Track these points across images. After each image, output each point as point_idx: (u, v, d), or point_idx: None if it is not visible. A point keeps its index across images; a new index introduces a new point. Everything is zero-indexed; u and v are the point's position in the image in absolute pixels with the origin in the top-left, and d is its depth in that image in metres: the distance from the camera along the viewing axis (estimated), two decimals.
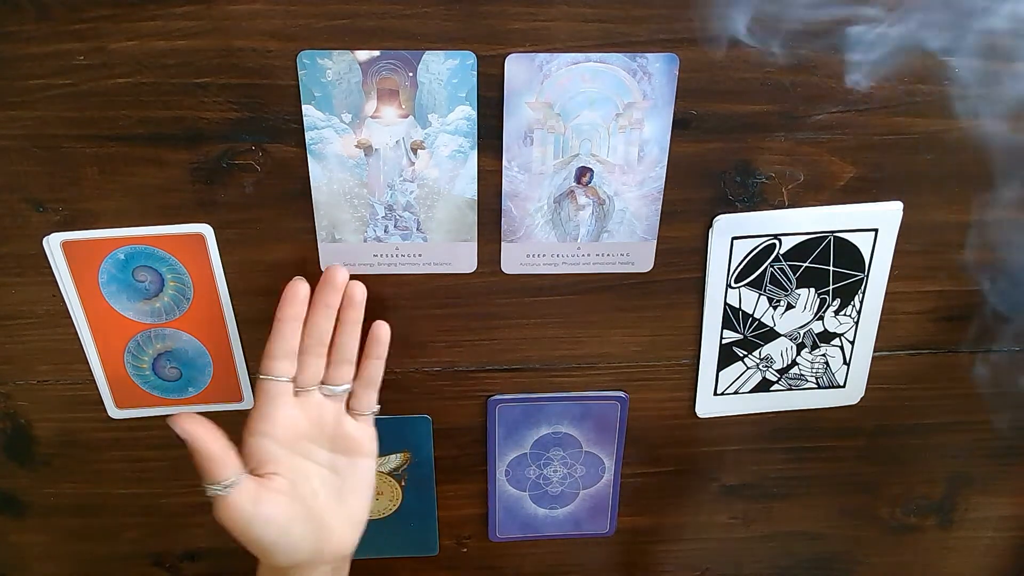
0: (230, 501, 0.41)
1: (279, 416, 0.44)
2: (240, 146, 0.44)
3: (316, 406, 0.46)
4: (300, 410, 0.45)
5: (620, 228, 0.48)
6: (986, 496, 0.62)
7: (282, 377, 0.44)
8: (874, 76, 0.44)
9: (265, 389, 0.44)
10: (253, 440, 0.44)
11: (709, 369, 0.54)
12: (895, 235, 0.50)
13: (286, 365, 0.45)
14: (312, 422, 0.46)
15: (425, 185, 0.46)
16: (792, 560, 0.64)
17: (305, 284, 0.45)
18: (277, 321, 0.44)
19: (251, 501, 0.42)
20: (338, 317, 0.46)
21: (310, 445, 0.46)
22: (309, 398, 0.46)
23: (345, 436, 0.47)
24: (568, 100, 0.44)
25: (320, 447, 0.46)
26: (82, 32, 0.40)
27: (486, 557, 0.61)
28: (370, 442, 0.48)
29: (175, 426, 0.41)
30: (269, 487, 0.43)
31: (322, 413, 0.46)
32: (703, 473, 0.59)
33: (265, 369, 0.44)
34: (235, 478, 0.42)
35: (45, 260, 0.47)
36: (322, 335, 0.45)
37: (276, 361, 0.44)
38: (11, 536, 0.57)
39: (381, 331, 0.47)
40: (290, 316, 0.44)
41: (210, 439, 0.42)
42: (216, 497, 0.42)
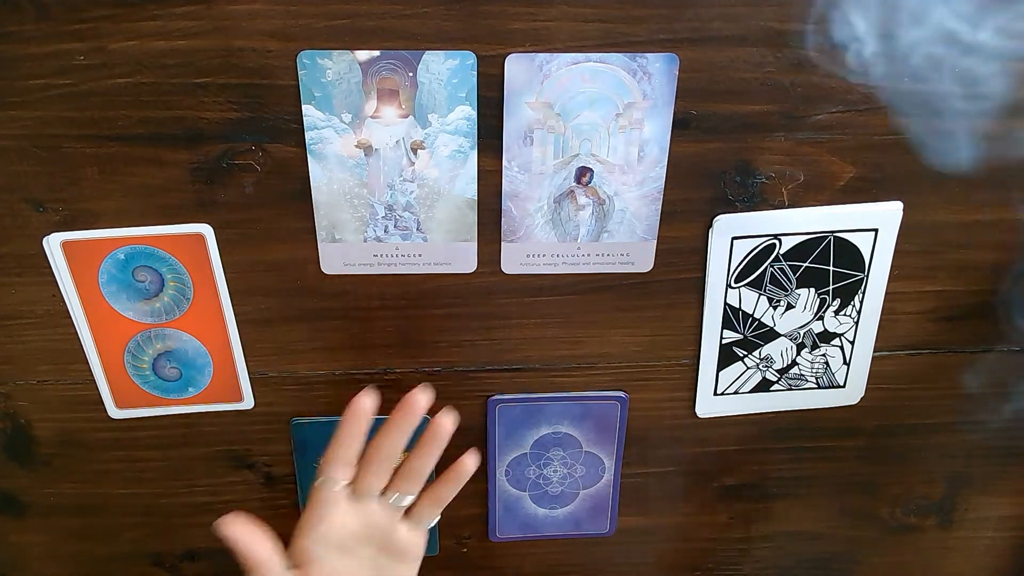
0: None
1: (333, 521, 0.44)
2: (240, 146, 0.44)
3: (372, 512, 0.46)
4: (354, 515, 0.45)
5: (620, 228, 0.48)
6: (986, 496, 0.62)
7: (340, 483, 0.44)
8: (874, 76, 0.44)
9: (322, 495, 0.44)
10: (305, 542, 0.44)
11: (709, 369, 0.54)
12: (895, 235, 0.50)
13: (346, 472, 0.44)
14: (364, 526, 0.45)
15: (425, 185, 0.46)
16: (792, 560, 0.64)
17: (372, 399, 0.44)
18: (342, 431, 0.44)
19: None
20: (419, 442, 0.46)
21: (357, 544, 0.45)
22: (367, 503, 0.45)
23: (396, 542, 0.46)
24: (568, 100, 0.44)
25: (368, 547, 0.46)
26: (82, 32, 0.40)
27: (486, 557, 0.61)
28: (420, 550, 0.47)
29: (222, 532, 0.42)
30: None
31: (377, 519, 0.46)
32: (703, 473, 0.59)
33: (324, 473, 0.44)
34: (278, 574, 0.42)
35: (45, 260, 0.47)
36: (391, 453, 0.45)
37: (337, 467, 0.44)
38: (11, 536, 0.57)
39: (468, 464, 0.47)
40: (354, 431, 0.44)
41: (257, 544, 0.42)
42: None
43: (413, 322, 0.51)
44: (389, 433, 0.45)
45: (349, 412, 0.44)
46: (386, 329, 0.51)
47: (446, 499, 0.48)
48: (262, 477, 0.56)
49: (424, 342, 0.52)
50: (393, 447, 0.45)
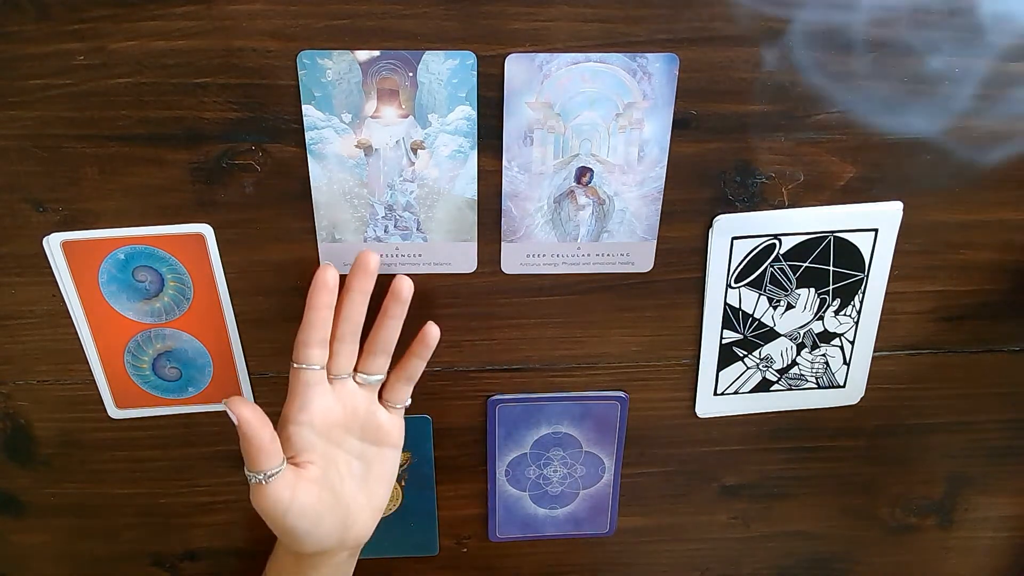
0: (270, 490, 0.42)
1: (316, 405, 0.44)
2: (240, 146, 0.44)
3: (350, 394, 0.46)
4: (335, 398, 0.45)
5: (620, 228, 0.48)
6: (986, 496, 0.62)
7: (316, 365, 0.44)
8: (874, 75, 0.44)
9: (301, 378, 0.44)
10: (293, 428, 0.44)
11: (709, 369, 0.54)
12: (895, 235, 0.50)
13: (320, 353, 0.44)
14: (346, 410, 0.46)
15: (425, 185, 0.46)
16: (792, 560, 0.64)
17: (334, 270, 0.44)
18: (309, 309, 0.44)
19: (290, 491, 0.42)
20: (382, 310, 0.46)
21: (343, 433, 0.46)
22: (344, 386, 0.46)
23: (376, 426, 0.47)
24: (568, 100, 0.44)
25: (352, 435, 0.46)
26: (82, 32, 0.40)
27: (486, 557, 0.61)
28: (399, 432, 0.48)
29: (229, 408, 0.41)
30: (306, 476, 0.43)
31: (356, 402, 0.46)
32: (703, 473, 0.59)
33: (299, 358, 0.44)
34: (277, 468, 0.42)
35: (45, 260, 0.47)
36: (356, 322, 0.45)
37: (310, 349, 0.44)
38: (11, 536, 0.57)
39: (431, 334, 0.47)
40: (321, 304, 0.43)
41: (261, 427, 0.42)
42: (256, 485, 0.42)
43: (413, 322, 0.51)
44: (350, 299, 0.44)
45: (315, 288, 0.43)
46: None
47: (415, 375, 0.48)
48: None
49: None
50: (356, 316, 0.44)
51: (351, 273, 0.45)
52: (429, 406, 0.54)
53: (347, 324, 0.45)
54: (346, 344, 0.45)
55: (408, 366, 0.48)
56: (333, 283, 0.44)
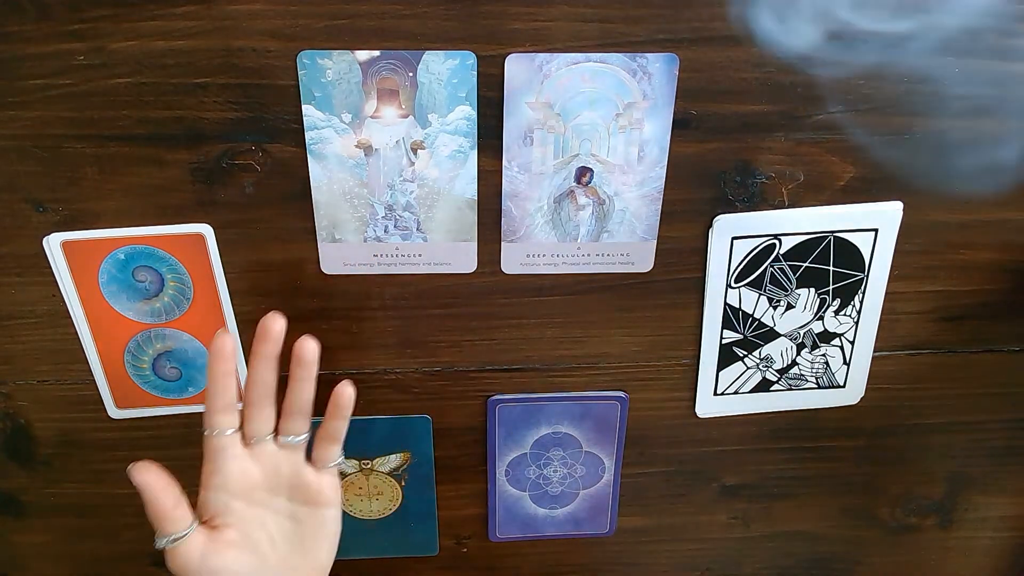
0: (178, 554, 0.42)
1: (230, 469, 0.44)
2: (240, 146, 0.44)
3: (270, 456, 0.45)
4: (252, 461, 0.45)
5: (620, 228, 0.48)
6: (986, 496, 0.62)
7: (227, 430, 0.44)
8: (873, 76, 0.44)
9: (211, 444, 0.44)
10: (205, 494, 0.44)
11: (709, 369, 0.54)
12: (895, 235, 0.50)
13: (228, 418, 0.44)
14: (266, 472, 0.45)
15: (425, 185, 0.46)
16: (792, 560, 0.64)
17: (230, 338, 0.44)
18: (210, 377, 0.44)
19: (198, 554, 0.42)
20: (290, 373, 0.45)
21: (266, 495, 0.45)
22: (262, 448, 0.45)
23: (304, 486, 0.46)
24: (568, 100, 0.44)
25: (277, 496, 0.46)
26: (82, 32, 0.40)
27: (486, 557, 0.61)
28: (332, 492, 0.47)
29: (132, 476, 0.42)
30: (219, 539, 0.43)
31: (277, 463, 0.46)
32: (703, 473, 0.59)
33: (208, 424, 0.44)
34: (184, 531, 0.42)
35: (45, 260, 0.47)
36: (266, 387, 0.44)
37: (215, 416, 0.44)
38: (11, 536, 0.57)
39: (344, 395, 0.46)
40: (219, 373, 0.43)
41: (162, 492, 0.42)
42: (166, 549, 0.42)
43: (413, 322, 0.51)
44: (257, 365, 0.44)
45: (212, 356, 0.43)
46: (386, 329, 0.51)
47: (339, 433, 0.47)
48: None
49: (424, 342, 0.52)
50: (266, 379, 0.44)
51: (256, 338, 0.44)
52: (429, 406, 0.54)
53: (257, 388, 0.44)
54: (258, 408, 0.45)
55: (329, 428, 0.47)
56: (230, 351, 0.44)
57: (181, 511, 0.42)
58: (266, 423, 0.45)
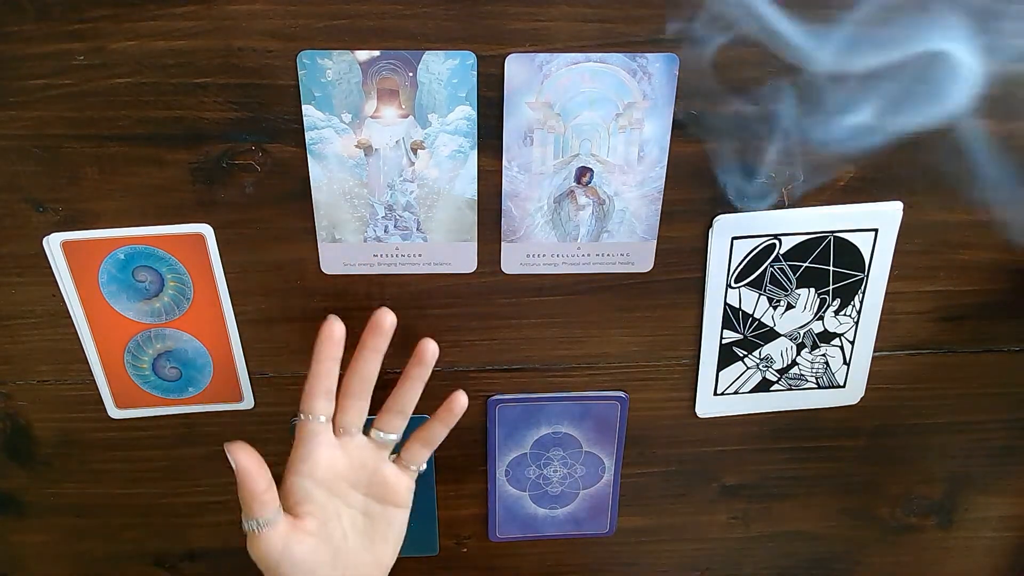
0: (263, 539, 0.42)
1: (319, 457, 0.44)
2: (240, 146, 0.44)
3: (358, 448, 0.46)
4: (341, 451, 0.45)
5: (620, 228, 0.48)
6: (986, 496, 0.62)
7: (320, 417, 0.44)
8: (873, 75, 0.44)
9: (305, 429, 0.44)
10: (293, 479, 0.44)
11: (709, 369, 0.54)
12: (895, 235, 0.50)
13: (324, 405, 0.44)
14: (352, 464, 0.46)
15: (425, 185, 0.46)
16: (792, 560, 0.64)
17: (340, 324, 0.44)
18: (314, 361, 0.44)
19: (283, 541, 0.42)
20: (404, 371, 0.46)
21: (346, 487, 0.46)
22: (352, 440, 0.46)
23: (383, 483, 0.46)
24: (568, 100, 0.44)
25: (356, 490, 0.46)
26: (82, 32, 0.40)
27: (486, 557, 0.61)
28: (407, 493, 0.48)
29: (229, 453, 0.42)
30: (302, 528, 0.43)
31: (363, 457, 0.46)
32: (703, 473, 0.59)
33: (304, 408, 0.44)
34: (271, 516, 0.42)
35: (45, 260, 0.47)
36: (367, 379, 0.45)
37: (314, 400, 0.44)
38: (11, 536, 0.57)
39: (459, 403, 0.47)
40: (326, 356, 0.44)
41: (258, 475, 0.42)
42: (250, 532, 0.42)
43: (413, 322, 0.51)
44: (363, 357, 0.44)
45: (321, 341, 0.44)
46: None
47: (436, 440, 0.47)
48: None
49: None
50: (368, 373, 0.45)
51: (366, 330, 0.45)
52: (429, 406, 0.54)
53: (357, 380, 0.45)
54: (355, 399, 0.45)
55: (432, 431, 0.47)
56: (339, 336, 0.44)
57: (271, 495, 0.42)
58: (360, 416, 0.45)
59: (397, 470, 0.47)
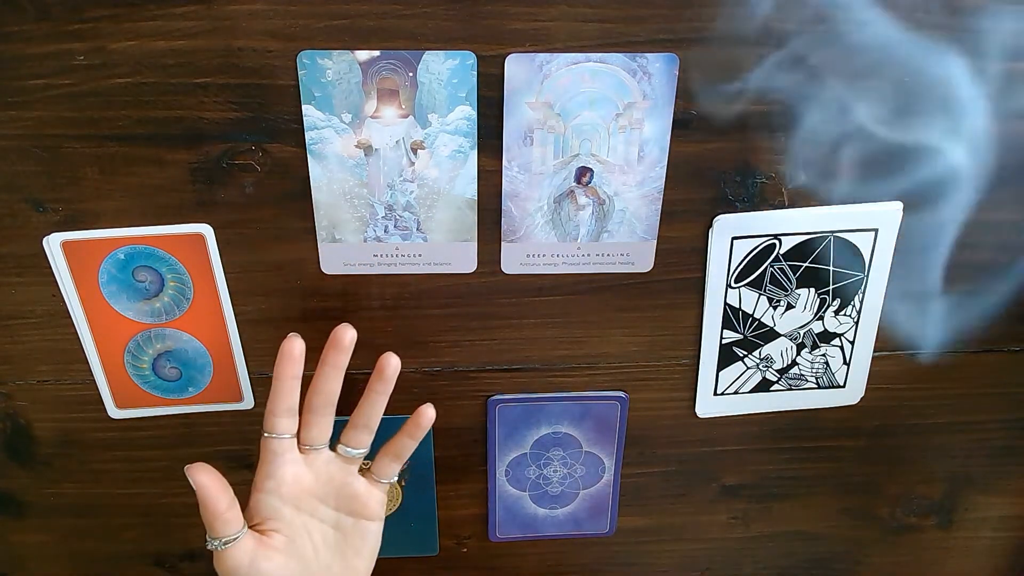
0: (228, 556, 0.42)
1: (284, 474, 0.44)
2: (240, 146, 0.44)
3: (324, 463, 0.46)
4: (306, 467, 0.45)
5: (620, 228, 0.48)
6: (986, 496, 0.62)
7: (284, 435, 0.44)
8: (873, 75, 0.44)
9: (269, 447, 0.44)
10: (258, 497, 0.44)
11: (709, 369, 0.54)
12: (895, 235, 0.50)
13: (288, 423, 0.44)
14: (319, 480, 0.46)
15: (425, 185, 0.46)
16: (792, 560, 0.64)
17: (300, 342, 0.44)
18: (275, 379, 0.44)
19: (248, 558, 0.42)
20: (368, 385, 0.46)
21: (315, 502, 0.46)
22: (318, 455, 0.46)
23: (353, 496, 0.46)
24: (568, 100, 0.44)
25: (325, 504, 0.46)
26: (82, 32, 0.40)
27: (486, 557, 0.61)
28: (379, 506, 0.47)
29: (189, 475, 0.42)
30: (268, 544, 0.43)
31: (330, 471, 0.46)
32: (703, 473, 0.59)
33: (267, 427, 0.44)
34: (235, 534, 0.42)
35: (45, 260, 0.47)
36: (329, 395, 0.45)
37: (277, 419, 0.44)
38: (11, 536, 0.57)
39: (426, 416, 0.47)
40: (286, 375, 0.44)
41: (219, 494, 0.42)
42: (215, 551, 0.42)
43: (413, 322, 0.51)
44: (324, 374, 0.44)
45: (280, 359, 0.44)
46: (386, 329, 0.51)
47: (405, 454, 0.47)
48: None
49: (424, 342, 0.52)
50: (330, 390, 0.45)
51: (327, 346, 0.45)
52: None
53: (319, 397, 0.45)
54: (318, 416, 0.45)
55: (399, 446, 0.47)
56: (299, 354, 0.44)
57: (234, 513, 0.42)
58: (325, 431, 0.45)
59: (367, 483, 0.47)
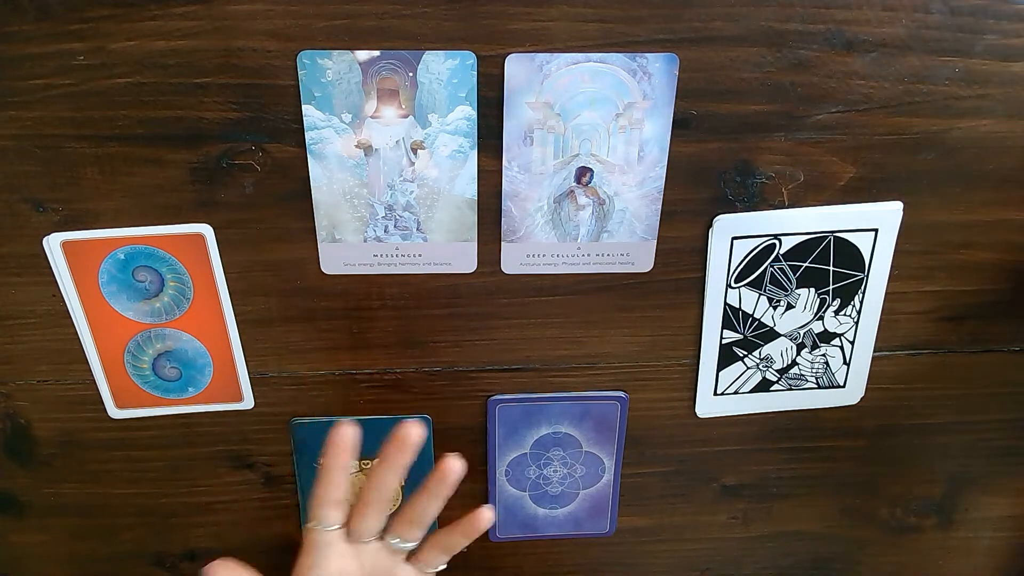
0: None
1: (329, 566, 0.42)
2: (240, 146, 0.44)
3: (371, 555, 0.44)
4: (353, 559, 0.43)
5: (620, 228, 0.48)
6: (986, 496, 0.62)
7: (333, 526, 0.43)
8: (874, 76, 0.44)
9: (314, 538, 0.43)
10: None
11: (709, 369, 0.54)
12: (895, 235, 0.50)
13: (336, 515, 0.43)
14: (364, 570, 0.44)
15: (425, 185, 0.46)
16: (792, 560, 0.64)
17: (352, 430, 0.42)
18: (325, 468, 0.42)
19: None
20: (425, 486, 0.44)
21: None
22: (365, 547, 0.44)
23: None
24: (568, 100, 0.44)
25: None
26: (82, 32, 0.40)
27: (486, 557, 0.61)
28: None
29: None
30: None
31: (376, 562, 0.44)
32: (703, 473, 0.59)
33: (314, 516, 0.43)
34: None
35: (45, 260, 0.47)
36: (388, 492, 0.43)
37: (325, 509, 0.42)
38: (11, 536, 0.57)
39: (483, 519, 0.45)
40: (336, 465, 0.42)
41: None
42: None
43: (413, 322, 0.51)
44: (381, 470, 0.43)
45: (331, 447, 0.42)
46: (386, 329, 0.51)
47: (455, 549, 0.46)
48: (262, 477, 0.56)
49: (424, 342, 0.52)
50: (387, 485, 0.43)
51: (390, 444, 0.43)
52: (429, 406, 0.54)
53: (377, 493, 0.43)
54: (372, 510, 0.43)
55: (450, 539, 0.46)
56: (351, 444, 0.42)
57: None
58: (377, 524, 0.44)
59: (413, 572, 0.46)
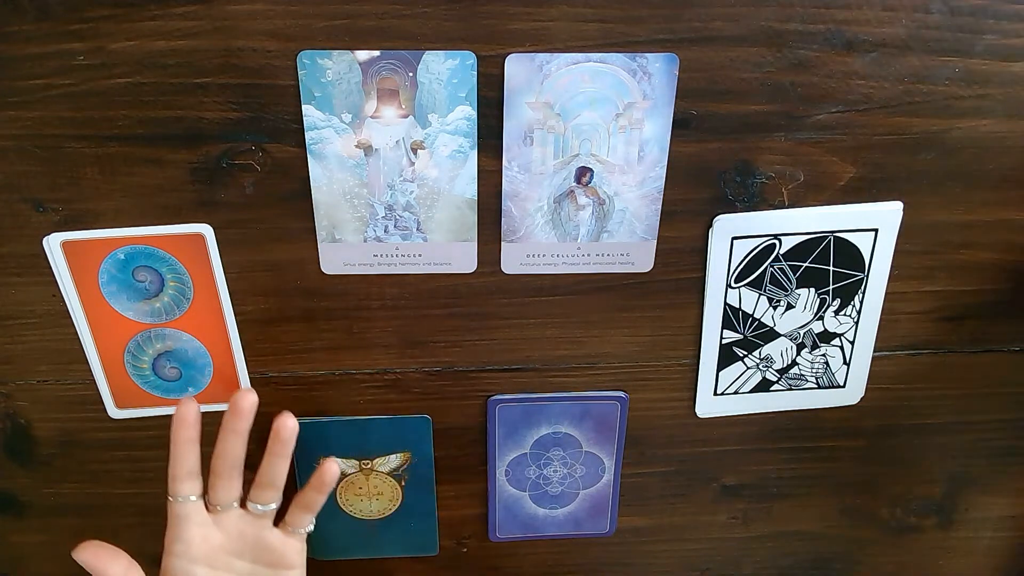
0: None
1: (191, 535, 0.45)
2: (240, 146, 0.44)
3: (235, 521, 0.46)
4: (216, 527, 0.46)
5: (620, 228, 0.48)
6: (986, 496, 0.62)
7: (190, 497, 0.45)
8: (874, 76, 0.44)
9: (174, 511, 0.45)
10: (168, 560, 0.45)
11: (709, 369, 0.54)
12: (895, 235, 0.50)
13: (190, 486, 0.45)
14: (231, 536, 0.46)
15: (425, 185, 0.46)
16: (792, 560, 0.64)
17: (194, 406, 0.45)
18: (172, 444, 0.45)
19: None
20: (267, 448, 0.46)
21: (229, 558, 0.46)
22: (226, 514, 0.46)
23: (268, 549, 0.47)
24: (568, 100, 0.44)
25: (240, 559, 0.46)
26: (82, 32, 0.40)
27: (486, 557, 0.61)
28: (297, 555, 0.48)
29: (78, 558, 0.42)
30: None
31: (241, 527, 0.46)
32: (703, 473, 0.59)
33: (171, 491, 0.45)
34: None
35: (45, 260, 0.47)
36: (234, 459, 0.45)
37: (178, 483, 0.45)
38: (11, 536, 0.57)
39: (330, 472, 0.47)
40: (182, 439, 0.45)
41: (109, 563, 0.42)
42: None
43: (413, 322, 0.51)
44: (225, 439, 0.45)
45: (175, 423, 0.45)
46: (386, 329, 0.51)
47: (316, 505, 0.48)
48: None
49: (424, 342, 0.52)
50: (232, 453, 0.45)
51: (227, 413, 0.45)
52: (429, 406, 0.54)
53: (223, 460, 0.45)
54: (225, 479, 0.45)
55: (308, 497, 0.48)
56: (193, 419, 0.45)
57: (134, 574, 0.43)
58: (233, 492, 0.46)
59: (282, 535, 0.47)
